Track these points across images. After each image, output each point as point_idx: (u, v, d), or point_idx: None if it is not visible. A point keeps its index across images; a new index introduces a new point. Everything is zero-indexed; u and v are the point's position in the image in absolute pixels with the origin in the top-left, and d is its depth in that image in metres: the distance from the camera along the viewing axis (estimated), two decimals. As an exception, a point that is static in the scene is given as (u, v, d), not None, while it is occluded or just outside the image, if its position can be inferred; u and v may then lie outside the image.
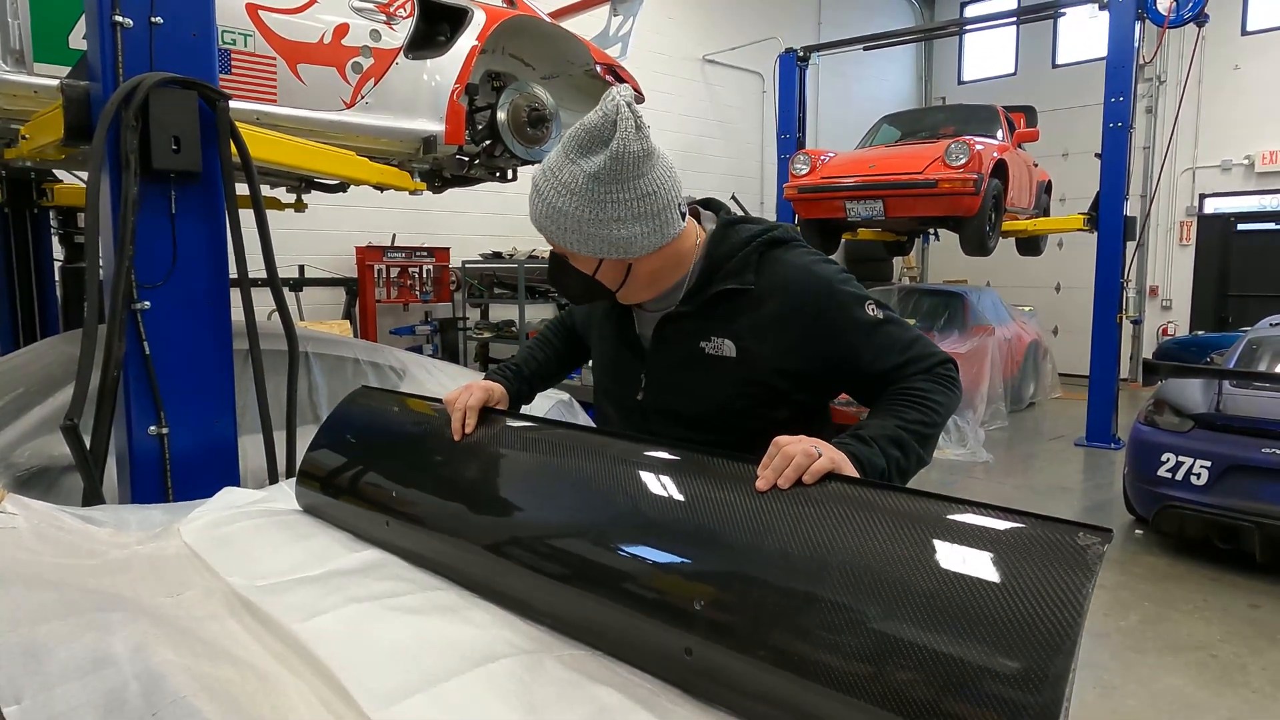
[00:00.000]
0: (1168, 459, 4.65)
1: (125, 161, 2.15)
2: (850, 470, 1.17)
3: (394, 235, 8.39)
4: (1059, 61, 13.43)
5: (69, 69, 2.63)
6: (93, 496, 2.13)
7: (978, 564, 0.92)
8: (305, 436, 2.02)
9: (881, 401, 1.36)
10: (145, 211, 2.21)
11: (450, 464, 1.57)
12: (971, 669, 0.85)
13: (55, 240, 5.18)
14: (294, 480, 1.86)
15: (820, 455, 1.13)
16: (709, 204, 1.53)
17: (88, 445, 2.16)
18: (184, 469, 2.30)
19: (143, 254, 2.22)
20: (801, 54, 9.70)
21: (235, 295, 2.41)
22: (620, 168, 1.25)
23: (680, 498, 1.21)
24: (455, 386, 1.66)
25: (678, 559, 1.15)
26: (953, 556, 0.94)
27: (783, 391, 1.41)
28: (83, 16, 2.64)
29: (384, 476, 1.66)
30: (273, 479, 2.48)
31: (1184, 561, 4.77)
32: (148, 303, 2.24)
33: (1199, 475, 4.54)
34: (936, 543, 0.96)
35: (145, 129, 2.16)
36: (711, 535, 1.12)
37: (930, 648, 0.88)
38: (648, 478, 1.27)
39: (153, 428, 2.25)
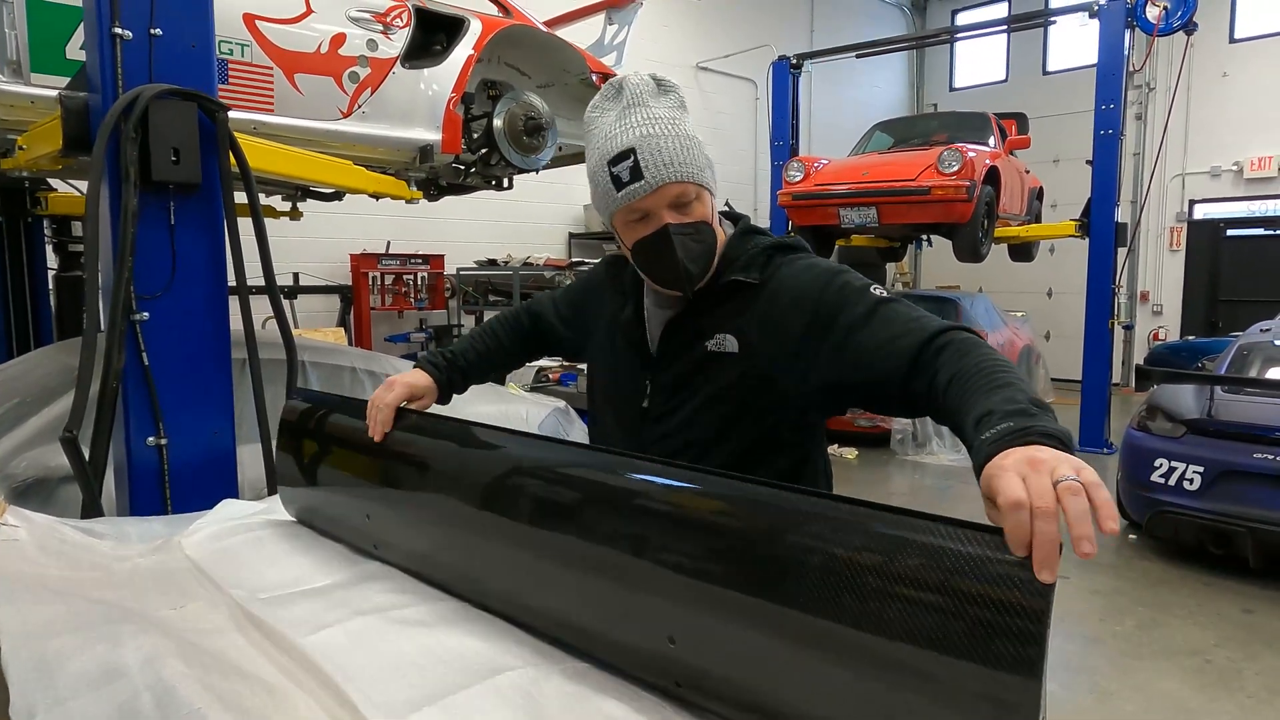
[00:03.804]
0: (1160, 464, 4.69)
1: (125, 173, 2.15)
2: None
3: (388, 242, 8.39)
4: (1050, 69, 13.53)
5: (66, 80, 2.63)
6: (92, 509, 2.12)
7: (936, 592, 0.83)
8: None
9: (959, 389, 1.12)
10: (144, 223, 2.21)
11: (404, 486, 1.54)
12: (938, 699, 0.81)
13: (50, 249, 5.17)
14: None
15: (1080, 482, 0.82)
16: (731, 215, 1.54)
17: (87, 457, 2.16)
18: (183, 480, 2.29)
19: (142, 265, 2.21)
20: (794, 61, 9.75)
21: (232, 304, 2.42)
22: (680, 98, 1.38)
23: (631, 524, 1.14)
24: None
25: (644, 593, 1.07)
26: (913, 584, 0.85)
27: (783, 393, 1.36)
28: (80, 27, 2.64)
29: (350, 498, 1.65)
30: (271, 490, 2.48)
31: (1178, 567, 4.80)
32: (146, 314, 2.23)
33: (1192, 480, 4.57)
34: (899, 566, 0.86)
35: (145, 140, 2.17)
36: (677, 560, 1.04)
37: (894, 682, 0.84)
38: (606, 495, 1.22)
39: (151, 439, 2.25)
